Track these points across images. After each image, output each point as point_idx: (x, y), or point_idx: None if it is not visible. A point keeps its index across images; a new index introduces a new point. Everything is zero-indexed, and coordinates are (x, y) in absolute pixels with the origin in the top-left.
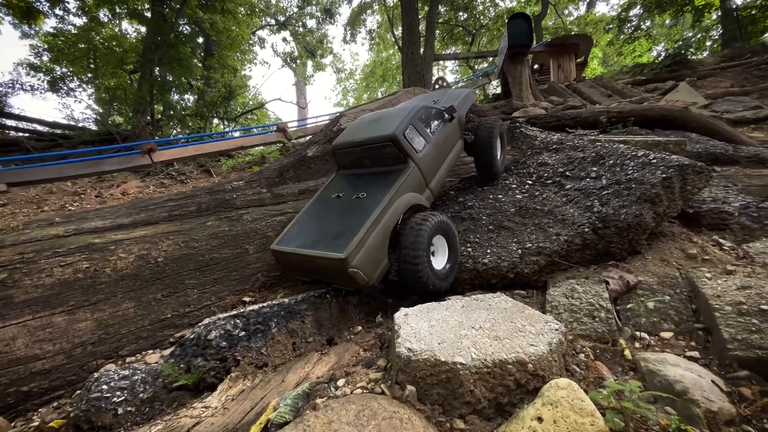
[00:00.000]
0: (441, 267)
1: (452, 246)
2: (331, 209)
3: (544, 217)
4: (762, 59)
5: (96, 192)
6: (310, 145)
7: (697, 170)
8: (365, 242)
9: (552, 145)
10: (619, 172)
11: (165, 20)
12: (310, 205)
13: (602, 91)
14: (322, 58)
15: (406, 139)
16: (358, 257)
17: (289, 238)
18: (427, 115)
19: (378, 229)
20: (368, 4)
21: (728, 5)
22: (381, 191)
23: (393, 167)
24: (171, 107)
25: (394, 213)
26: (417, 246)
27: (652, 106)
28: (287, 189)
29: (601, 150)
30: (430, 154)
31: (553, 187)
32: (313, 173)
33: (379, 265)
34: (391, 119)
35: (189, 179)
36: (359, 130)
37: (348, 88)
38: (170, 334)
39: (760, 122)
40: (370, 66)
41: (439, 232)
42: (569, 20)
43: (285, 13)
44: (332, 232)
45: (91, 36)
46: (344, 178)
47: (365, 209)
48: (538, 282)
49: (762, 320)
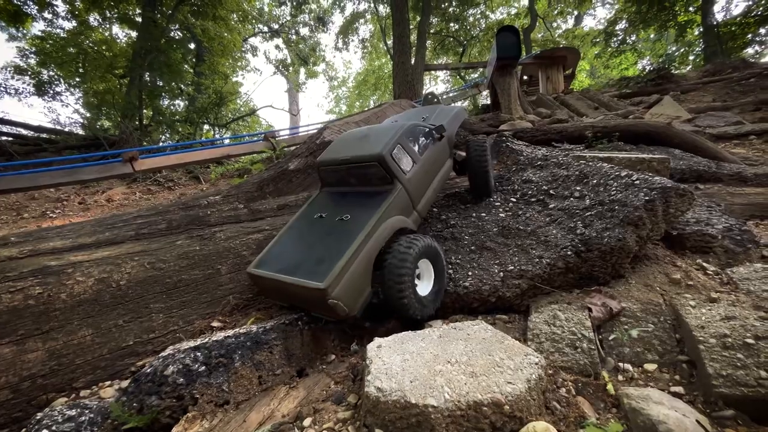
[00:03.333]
0: (426, 292)
1: (438, 270)
2: (312, 230)
3: (527, 237)
4: (742, 75)
5: (80, 198)
6: (292, 158)
7: (680, 193)
8: (347, 270)
9: (537, 161)
10: (603, 193)
11: (156, 25)
12: (293, 222)
13: (589, 104)
14: (314, 65)
15: (394, 160)
16: (339, 287)
17: (267, 261)
18: (415, 134)
19: (361, 256)
20: (360, 13)
21: (709, 21)
22: (366, 214)
23: (379, 188)
24: (160, 113)
25: (378, 238)
26: (402, 272)
27: (636, 122)
28: (266, 204)
29: (585, 168)
30: (418, 175)
31: (536, 206)
32: (294, 187)
33: (362, 295)
34: (378, 137)
35: (177, 186)
36: (345, 147)
37: (340, 95)
38: (132, 363)
39: (742, 137)
40: (363, 74)
41: (425, 256)
42: (557, 33)
43: (278, 20)
44: (313, 258)
45: (81, 40)
46: (328, 196)
47: (348, 234)
48: (521, 306)
49: (747, 354)
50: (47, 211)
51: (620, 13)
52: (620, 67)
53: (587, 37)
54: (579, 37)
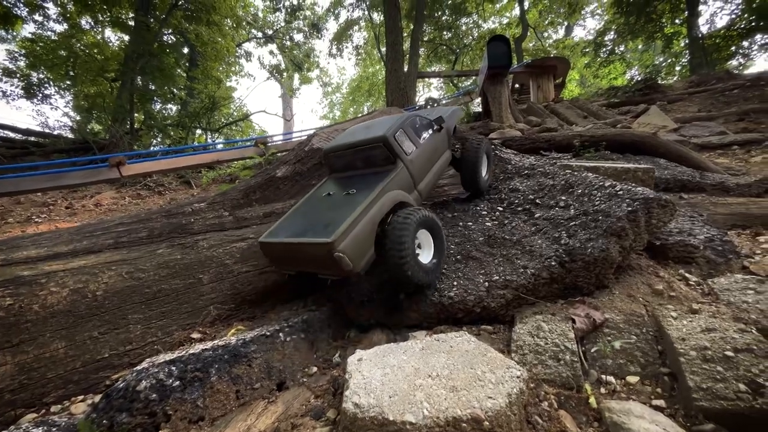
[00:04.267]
0: (427, 261)
1: (438, 240)
2: (321, 205)
3: (512, 247)
4: (726, 86)
5: (67, 203)
6: (279, 165)
7: (662, 204)
8: (352, 229)
9: (524, 170)
10: (587, 203)
11: (148, 29)
12: (301, 202)
13: (578, 113)
14: (308, 71)
15: (397, 141)
16: (345, 243)
17: (277, 231)
18: (417, 124)
19: (365, 219)
20: (354, 20)
21: (695, 34)
22: (370, 187)
23: (382, 168)
24: (152, 117)
25: (381, 206)
26: (402, 238)
27: (622, 131)
28: (251, 212)
29: (570, 178)
30: (419, 158)
31: (522, 215)
32: (281, 195)
33: (366, 254)
34: (382, 124)
35: (167, 190)
36: (351, 135)
37: (334, 101)
38: (107, 376)
39: (725, 147)
40: (357, 81)
41: (424, 226)
42: (548, 43)
43: (272, 26)
44: (321, 223)
45: (72, 43)
46: (335, 180)
47: (354, 202)
48: (506, 316)
49: (726, 367)
50: (33, 216)
51: (609, 24)
52: (609, 77)
53: (577, 47)
54: (569, 47)
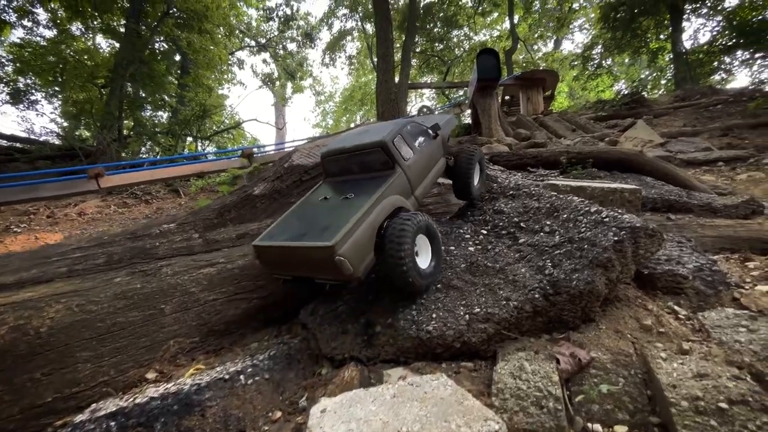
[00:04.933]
0: (425, 266)
1: (435, 246)
2: (317, 209)
3: (495, 276)
4: (710, 101)
5: (49, 212)
6: (257, 182)
7: (649, 233)
8: (353, 233)
9: (509, 190)
10: (572, 229)
11: (139, 37)
12: (295, 207)
13: (567, 126)
14: (301, 80)
15: (395, 146)
16: (346, 246)
17: (272, 235)
18: (414, 129)
19: (366, 223)
20: (348, 31)
21: (679, 49)
22: (369, 192)
23: (380, 173)
24: (141, 124)
25: (381, 210)
26: (402, 240)
27: (609, 149)
28: (224, 233)
29: (555, 201)
30: (416, 164)
31: (506, 240)
32: (258, 213)
33: (366, 259)
34: (380, 129)
35: (155, 199)
36: (348, 140)
37: (327, 110)
38: (49, 422)
39: (710, 163)
40: (350, 90)
41: (422, 231)
42: (538, 56)
43: (266, 35)
44: (318, 227)
45: (61, 49)
46: (331, 185)
47: (353, 206)
48: (487, 351)
49: (721, 422)
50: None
51: (596, 38)
52: (597, 90)
53: (566, 61)
54: (558, 60)
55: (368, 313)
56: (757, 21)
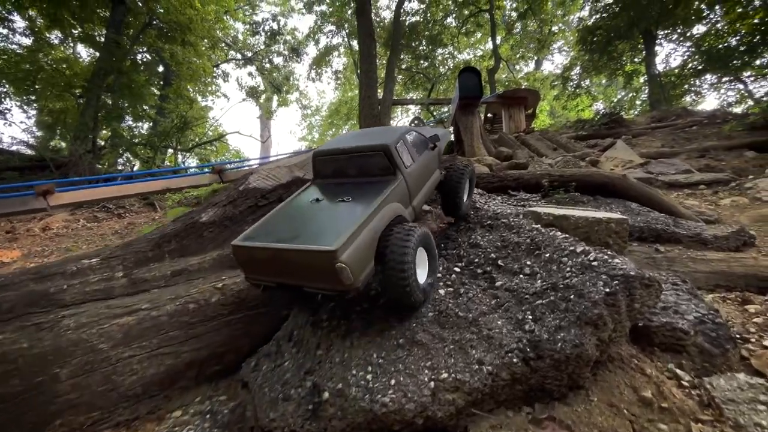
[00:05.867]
0: (423, 281)
1: (432, 259)
2: (308, 210)
3: (467, 329)
4: (685, 122)
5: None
6: (207, 208)
7: (645, 283)
8: (355, 238)
9: (486, 220)
10: (556, 273)
11: (119, 47)
12: (282, 206)
13: (548, 144)
14: (287, 93)
15: (397, 152)
16: (348, 252)
17: (258, 235)
18: (415, 139)
19: (368, 229)
20: (334, 46)
21: (652, 72)
22: (369, 196)
23: (380, 178)
24: (118, 135)
25: (382, 218)
26: (405, 251)
27: (592, 172)
28: (156, 270)
29: (537, 237)
30: (415, 173)
31: (482, 281)
32: (205, 244)
33: (366, 268)
34: (382, 133)
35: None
36: (345, 141)
37: (313, 123)
38: None
39: (692, 186)
40: (336, 104)
41: (422, 243)
42: (520, 75)
43: (252, 49)
44: (313, 230)
45: (38, 57)
46: (322, 186)
47: (353, 210)
48: (456, 428)
49: None
50: None
51: (575, 60)
52: (577, 109)
53: (546, 81)
54: (539, 80)
55: (316, 373)
56: (724, 47)
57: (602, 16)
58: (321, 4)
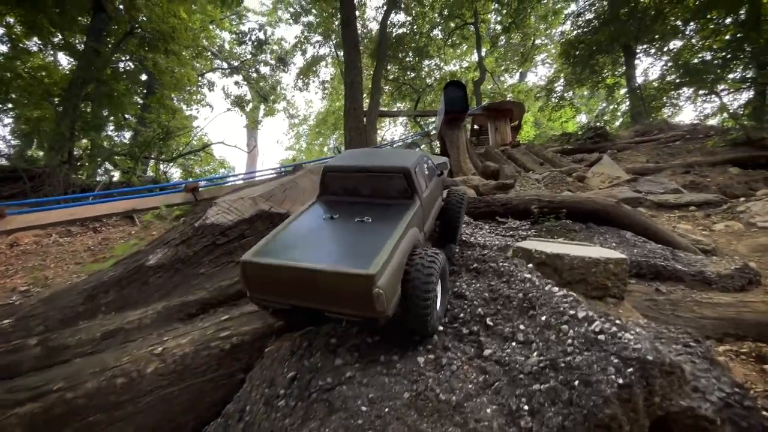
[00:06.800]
0: (438, 307)
1: (444, 284)
2: (325, 229)
3: (449, 419)
4: (668, 137)
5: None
6: (155, 248)
7: (666, 370)
8: (390, 262)
9: (473, 263)
10: (555, 344)
11: (99, 55)
12: (290, 223)
13: (535, 159)
14: (274, 103)
15: (416, 176)
16: (384, 277)
17: (274, 250)
18: (427, 164)
19: (398, 252)
20: (321, 56)
21: (633, 85)
22: (391, 219)
23: (397, 201)
24: (96, 146)
25: (408, 242)
26: (429, 280)
27: (582, 198)
28: (83, 332)
29: (530, 291)
30: (428, 199)
31: (469, 346)
32: (150, 292)
33: (395, 294)
34: (398, 155)
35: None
36: (359, 159)
37: (301, 132)
38: None
39: (683, 208)
40: (323, 114)
41: (442, 270)
42: (505, 86)
43: (239, 58)
44: (339, 249)
45: (15, 65)
46: (331, 204)
47: (379, 232)
48: None
49: None
50: None
51: (558, 72)
52: (561, 120)
53: (531, 92)
54: (523, 91)
55: None
56: (699, 62)
57: (584, 31)
58: (308, 15)
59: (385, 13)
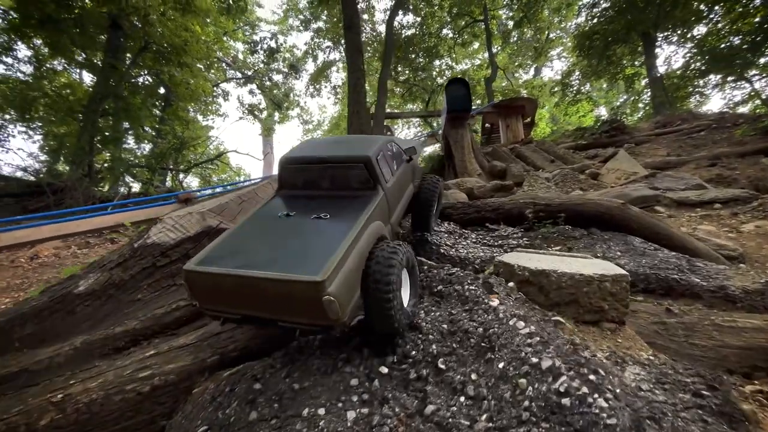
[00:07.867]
0: (406, 303)
1: (413, 279)
2: (278, 228)
3: None
4: (691, 127)
5: None
6: (88, 273)
7: None
8: (343, 265)
9: (437, 284)
10: (509, 405)
11: (116, 71)
12: (244, 221)
13: (545, 156)
14: (288, 110)
15: (379, 165)
16: (336, 283)
17: (219, 257)
18: (392, 150)
19: (354, 252)
20: (331, 62)
21: (654, 74)
22: (350, 214)
23: (359, 192)
24: (114, 159)
25: (368, 238)
26: (390, 276)
27: (584, 201)
28: None
29: (492, 325)
30: (394, 188)
31: (411, 397)
32: (76, 324)
33: (353, 298)
34: (359, 142)
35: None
36: (317, 149)
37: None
38: None
39: (706, 206)
40: (336, 118)
41: (406, 264)
42: (519, 83)
43: (252, 67)
44: (289, 253)
45: (42, 84)
46: (290, 198)
47: (334, 229)
48: None
49: None
50: None
51: (573, 66)
52: (578, 114)
53: (546, 87)
54: (538, 87)
55: None
56: (726, 47)
57: (599, 20)
58: (317, 21)
59: (390, 14)
